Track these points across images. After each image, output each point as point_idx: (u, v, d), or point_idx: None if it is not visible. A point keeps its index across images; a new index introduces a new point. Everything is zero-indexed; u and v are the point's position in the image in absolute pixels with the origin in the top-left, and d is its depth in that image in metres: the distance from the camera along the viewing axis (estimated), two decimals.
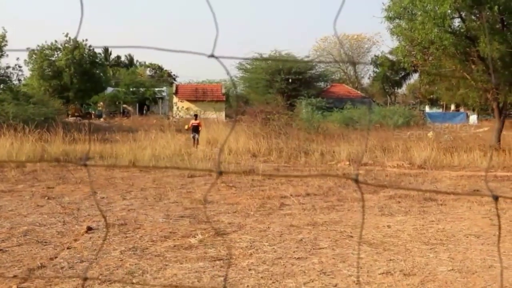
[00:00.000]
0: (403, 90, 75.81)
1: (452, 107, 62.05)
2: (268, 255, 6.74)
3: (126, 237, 7.59)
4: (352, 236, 7.68)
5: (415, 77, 60.79)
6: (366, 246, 7.16)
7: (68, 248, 6.90)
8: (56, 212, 9.37)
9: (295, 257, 6.64)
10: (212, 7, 1.81)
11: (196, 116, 25.42)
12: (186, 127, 25.38)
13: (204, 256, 6.61)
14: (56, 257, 6.51)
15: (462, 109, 57.56)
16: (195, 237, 7.52)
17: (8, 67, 40.83)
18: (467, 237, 7.70)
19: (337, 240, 7.45)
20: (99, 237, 7.55)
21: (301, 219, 8.92)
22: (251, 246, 7.16)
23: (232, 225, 8.45)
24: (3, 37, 39.03)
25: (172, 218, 8.90)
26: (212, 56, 1.90)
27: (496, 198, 1.68)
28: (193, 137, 23.34)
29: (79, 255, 6.60)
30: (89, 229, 7.94)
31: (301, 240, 7.50)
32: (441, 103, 63.41)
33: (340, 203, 10.44)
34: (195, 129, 23.56)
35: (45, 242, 7.22)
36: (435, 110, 63.04)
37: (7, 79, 40.90)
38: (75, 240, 7.34)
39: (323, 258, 6.58)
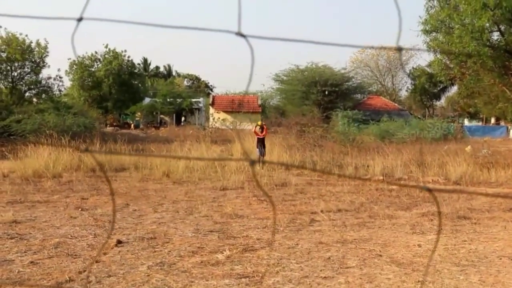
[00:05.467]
0: (441, 102, 74.86)
1: (492, 120, 60.98)
2: (294, 273, 6.70)
3: (155, 251, 7.65)
4: (381, 255, 7.58)
5: (454, 89, 60.09)
6: (395, 266, 7.06)
7: (97, 262, 6.99)
8: (88, 224, 9.51)
9: (321, 276, 6.58)
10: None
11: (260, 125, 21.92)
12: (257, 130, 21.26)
13: (230, 273, 6.61)
14: (84, 271, 6.60)
15: (502, 123, 56.46)
16: (223, 253, 7.54)
17: (49, 78, 41.86)
18: (500, 258, 7.52)
19: (366, 259, 7.36)
20: (128, 250, 7.62)
21: (330, 236, 8.85)
22: (278, 263, 7.13)
23: (261, 241, 8.43)
24: (45, 48, 40.06)
25: (201, 233, 8.93)
26: (239, 34, 1.72)
27: None
28: (260, 152, 20.42)
29: (107, 269, 6.67)
30: (119, 242, 8.03)
31: (329, 258, 7.43)
32: (481, 116, 62.40)
33: (371, 219, 10.33)
34: (261, 141, 20.81)
35: (75, 255, 7.33)
36: (474, 123, 61.95)
37: (48, 89, 41.91)
38: (104, 254, 7.43)
39: (350, 278, 6.51)
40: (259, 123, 22.18)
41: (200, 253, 7.57)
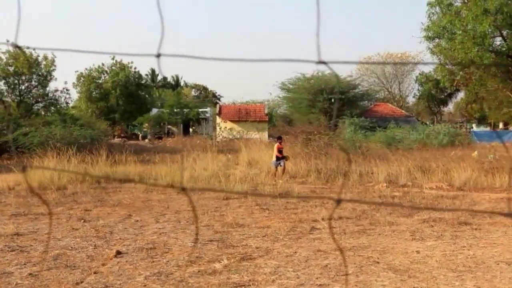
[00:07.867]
0: (449, 108, 74.73)
1: (501, 125, 60.71)
2: (290, 281, 6.73)
3: (153, 261, 7.70)
4: (378, 262, 7.60)
5: (461, 95, 59.98)
6: (391, 272, 7.07)
7: (95, 273, 7.05)
8: (90, 235, 9.58)
9: (317, 284, 6.60)
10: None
11: (280, 138, 21.46)
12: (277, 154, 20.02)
13: (226, 282, 6.65)
14: (82, 282, 6.66)
15: (511, 127, 56.21)
16: (221, 262, 7.58)
17: (56, 91, 42.20)
18: (498, 264, 7.51)
19: (363, 266, 7.38)
20: (126, 261, 7.68)
21: (329, 243, 8.87)
22: (275, 271, 7.16)
23: (260, 249, 8.46)
24: (52, 61, 40.41)
25: (201, 242, 8.98)
26: (321, 62, 1.94)
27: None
28: (278, 166, 19.72)
29: (105, 280, 6.73)
30: (118, 253, 8.10)
31: (326, 265, 7.45)
32: (489, 121, 62.17)
33: (371, 227, 10.35)
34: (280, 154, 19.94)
35: (74, 267, 7.39)
36: (482, 128, 61.70)
37: (55, 102, 42.24)
38: (103, 265, 7.49)
39: (345, 285, 6.53)
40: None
41: (198, 263, 7.61)
